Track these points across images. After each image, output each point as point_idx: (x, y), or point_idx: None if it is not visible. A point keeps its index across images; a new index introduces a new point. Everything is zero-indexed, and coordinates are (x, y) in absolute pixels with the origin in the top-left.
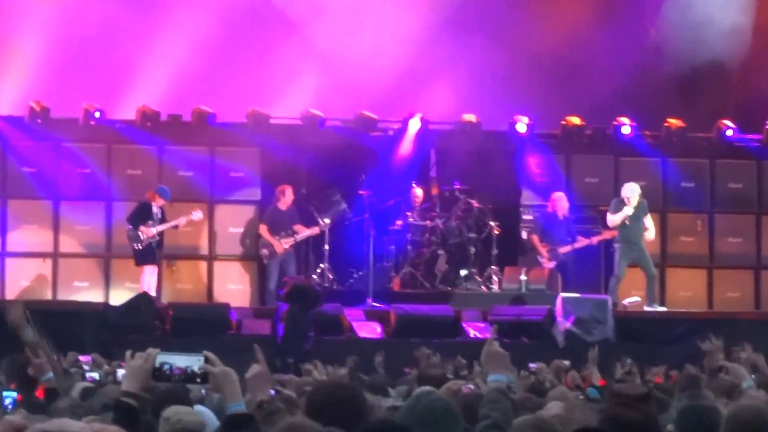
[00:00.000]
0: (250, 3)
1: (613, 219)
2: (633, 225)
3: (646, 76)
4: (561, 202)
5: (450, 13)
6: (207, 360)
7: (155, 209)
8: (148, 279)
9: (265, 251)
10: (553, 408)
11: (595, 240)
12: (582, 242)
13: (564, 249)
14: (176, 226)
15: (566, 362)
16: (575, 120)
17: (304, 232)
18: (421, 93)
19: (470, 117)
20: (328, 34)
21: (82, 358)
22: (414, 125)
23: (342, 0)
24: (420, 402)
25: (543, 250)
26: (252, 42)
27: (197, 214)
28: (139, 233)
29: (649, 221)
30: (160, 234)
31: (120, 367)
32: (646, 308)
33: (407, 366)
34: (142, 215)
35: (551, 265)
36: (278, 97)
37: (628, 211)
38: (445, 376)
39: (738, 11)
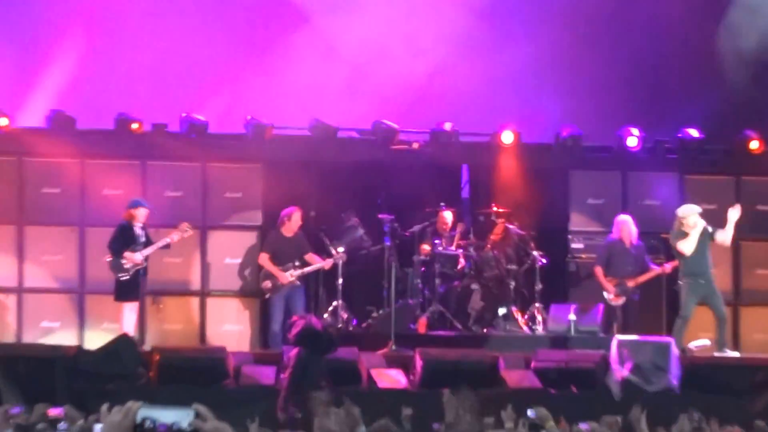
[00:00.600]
0: None
1: (687, 244)
2: (698, 256)
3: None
4: (628, 227)
5: (487, 10)
6: (198, 415)
7: (137, 230)
8: (130, 317)
9: (267, 284)
10: None
11: (668, 268)
12: (654, 272)
13: (634, 281)
14: (168, 245)
15: (618, 418)
16: (635, 132)
17: (315, 263)
18: (451, 100)
19: (508, 131)
20: (342, 29)
21: (52, 411)
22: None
23: None
24: None
25: (609, 285)
26: (252, 40)
27: (187, 229)
28: (123, 261)
29: (722, 234)
30: (147, 259)
31: (97, 422)
32: (716, 354)
33: (436, 422)
34: (123, 240)
35: (620, 302)
36: (283, 104)
37: (694, 233)
38: None
39: None
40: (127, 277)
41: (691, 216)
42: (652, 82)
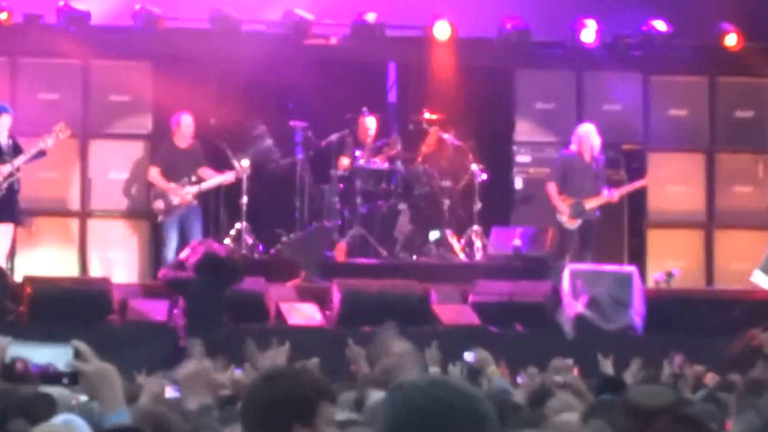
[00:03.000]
0: None
1: None
2: None
3: None
4: (589, 138)
5: None
6: (78, 354)
7: (3, 138)
8: (5, 239)
9: (159, 204)
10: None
11: (616, 196)
12: (614, 196)
13: (592, 202)
14: (43, 152)
15: (569, 361)
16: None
17: (212, 179)
18: None
19: (443, 22)
20: None
21: None
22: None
23: None
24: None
25: (564, 204)
26: None
27: (63, 130)
28: None
29: None
30: (19, 170)
31: None
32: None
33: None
34: None
35: (576, 224)
36: None
37: None
38: None
39: None
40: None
41: None
42: None
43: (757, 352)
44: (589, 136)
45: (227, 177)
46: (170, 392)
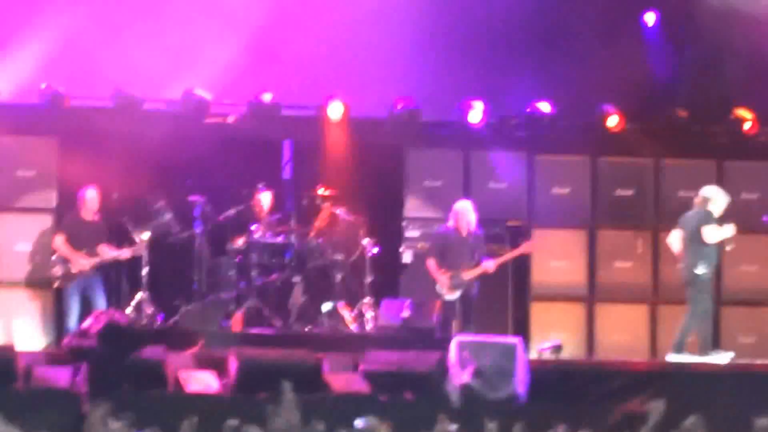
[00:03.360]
0: None
1: (716, 233)
2: (716, 246)
3: None
4: (464, 215)
5: None
6: None
7: None
8: None
9: (57, 270)
10: None
11: (492, 266)
12: (491, 266)
13: (470, 274)
14: None
15: (453, 427)
16: (478, 105)
17: (109, 254)
18: (273, 69)
19: (336, 102)
20: None
21: None
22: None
23: None
24: None
25: (443, 277)
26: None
27: None
28: None
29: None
30: None
31: None
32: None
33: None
34: None
35: (455, 295)
36: (81, 72)
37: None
38: None
39: None
40: None
41: (721, 199)
42: (500, 50)
43: (639, 419)
44: (465, 212)
45: (124, 254)
46: None
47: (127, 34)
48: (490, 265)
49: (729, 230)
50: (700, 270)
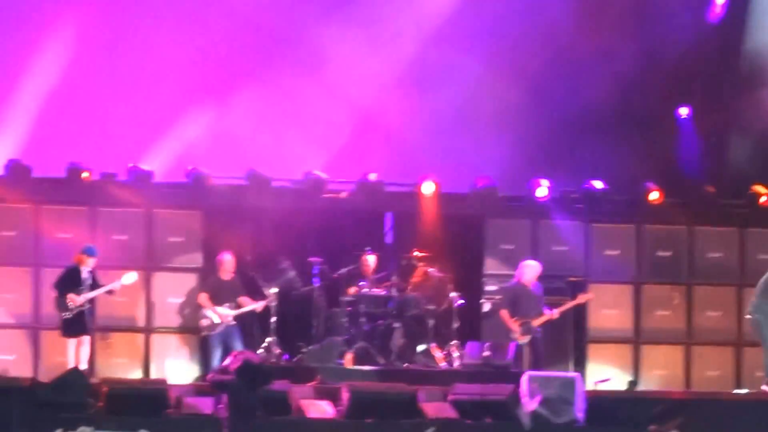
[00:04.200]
0: (191, 45)
1: None
2: None
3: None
4: (532, 271)
5: (412, 66)
6: None
7: (85, 274)
8: (77, 351)
9: (204, 322)
10: None
11: (556, 313)
12: (554, 314)
13: (537, 321)
14: (111, 291)
15: None
16: (545, 183)
17: (248, 306)
18: (378, 152)
19: (429, 182)
20: (276, 84)
21: None
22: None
23: (296, 48)
24: None
25: (515, 325)
26: (193, 93)
27: (131, 276)
28: (67, 301)
29: None
30: (91, 301)
31: None
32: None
33: None
34: (70, 281)
35: (526, 340)
36: (221, 155)
37: None
38: None
39: None
40: (70, 315)
41: None
42: (560, 135)
43: None
44: (529, 268)
45: (259, 305)
46: None
47: (258, 121)
48: (555, 313)
49: None
50: None
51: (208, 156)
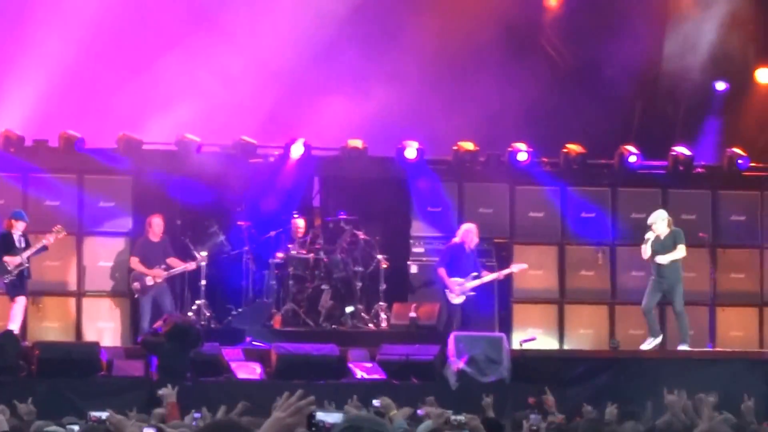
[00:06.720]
0: (122, 16)
1: (643, 250)
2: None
3: (546, 101)
4: (471, 234)
5: (336, 30)
6: None
7: (17, 237)
8: (20, 311)
9: (136, 285)
10: None
11: (502, 274)
12: (489, 276)
13: (472, 283)
14: (45, 247)
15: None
16: (468, 145)
17: (178, 267)
18: (304, 117)
19: (356, 143)
20: (205, 52)
21: None
22: (296, 151)
23: (223, 15)
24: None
25: (453, 284)
26: (123, 61)
27: (60, 231)
28: (5, 264)
29: (676, 252)
30: (29, 260)
31: None
32: (680, 347)
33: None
34: (3, 245)
35: (460, 300)
36: (152, 120)
37: (649, 235)
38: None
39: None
40: (12, 278)
41: (657, 223)
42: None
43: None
44: (470, 231)
45: (189, 265)
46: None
47: (187, 87)
48: (501, 275)
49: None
50: None
51: (138, 122)
